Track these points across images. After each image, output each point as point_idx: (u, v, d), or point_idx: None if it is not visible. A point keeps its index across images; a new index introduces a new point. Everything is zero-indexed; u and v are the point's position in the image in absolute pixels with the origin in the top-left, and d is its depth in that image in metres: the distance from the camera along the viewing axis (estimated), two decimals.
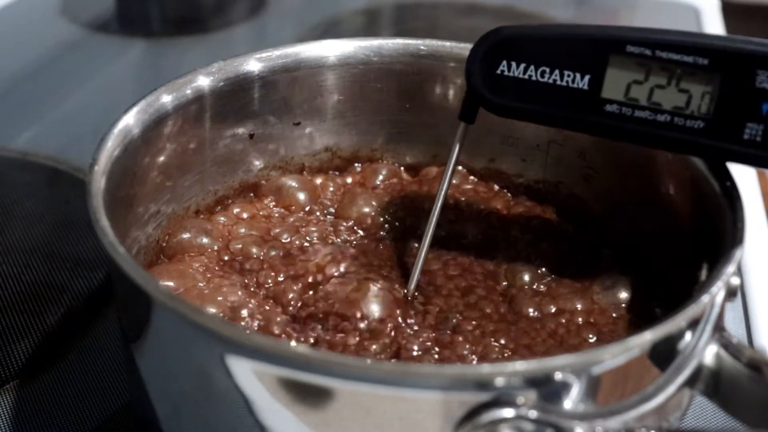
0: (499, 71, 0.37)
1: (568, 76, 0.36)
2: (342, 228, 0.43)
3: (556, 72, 0.36)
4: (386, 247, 0.42)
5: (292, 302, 0.38)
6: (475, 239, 0.43)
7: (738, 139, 0.34)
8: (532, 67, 0.36)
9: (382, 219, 0.44)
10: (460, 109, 0.39)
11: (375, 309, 0.37)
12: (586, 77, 0.35)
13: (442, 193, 0.39)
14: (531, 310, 0.39)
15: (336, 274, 0.40)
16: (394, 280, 0.40)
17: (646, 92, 0.35)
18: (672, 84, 0.34)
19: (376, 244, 0.42)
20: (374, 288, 0.38)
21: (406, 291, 0.39)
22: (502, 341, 0.37)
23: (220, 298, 0.37)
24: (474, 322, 0.37)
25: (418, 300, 0.39)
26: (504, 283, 0.40)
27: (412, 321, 0.37)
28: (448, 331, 0.37)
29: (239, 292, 0.38)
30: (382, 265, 0.41)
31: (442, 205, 0.39)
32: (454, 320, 0.37)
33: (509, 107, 0.37)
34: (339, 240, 0.43)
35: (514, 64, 0.36)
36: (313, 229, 0.43)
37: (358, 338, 0.36)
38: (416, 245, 0.41)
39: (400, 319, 0.37)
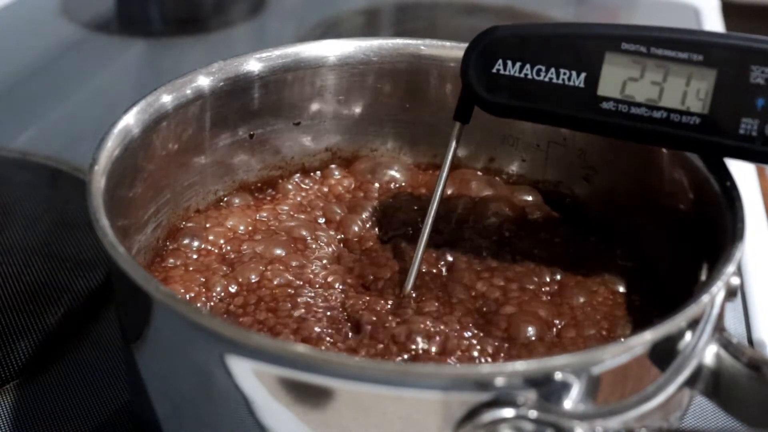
0: (494, 70, 0.36)
1: (564, 74, 0.35)
2: (339, 229, 0.43)
3: (552, 70, 0.36)
4: (384, 247, 0.42)
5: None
6: (473, 237, 0.43)
7: (734, 134, 0.34)
8: (527, 66, 0.36)
9: (381, 219, 0.44)
10: (455, 108, 0.39)
11: None
12: (582, 75, 0.35)
13: (439, 192, 0.39)
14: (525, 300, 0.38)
15: (330, 279, 0.39)
16: (391, 280, 0.40)
17: (642, 89, 0.35)
18: (668, 80, 0.34)
19: (374, 245, 0.42)
20: None
21: (402, 291, 0.39)
22: (495, 340, 0.36)
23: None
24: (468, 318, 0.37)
25: (414, 299, 0.38)
26: (501, 282, 0.40)
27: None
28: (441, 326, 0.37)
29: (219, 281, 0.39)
30: (379, 267, 0.41)
31: (438, 205, 0.39)
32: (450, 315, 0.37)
33: (505, 106, 0.37)
34: (335, 241, 0.43)
35: (509, 62, 0.36)
36: (308, 230, 0.43)
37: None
38: (413, 245, 0.41)
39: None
